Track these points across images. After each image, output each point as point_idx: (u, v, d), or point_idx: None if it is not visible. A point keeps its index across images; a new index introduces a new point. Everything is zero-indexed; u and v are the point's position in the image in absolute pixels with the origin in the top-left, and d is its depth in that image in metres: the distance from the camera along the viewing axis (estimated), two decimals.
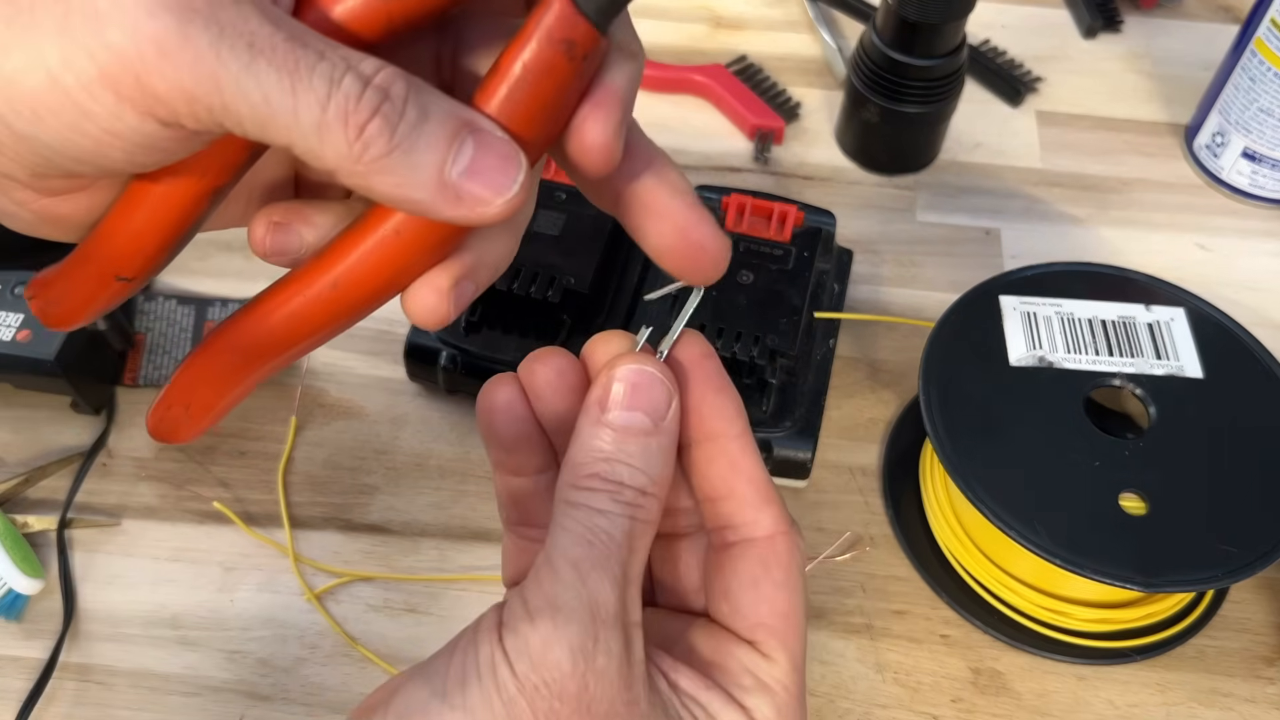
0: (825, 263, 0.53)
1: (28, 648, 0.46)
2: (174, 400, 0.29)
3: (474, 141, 0.23)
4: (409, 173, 0.22)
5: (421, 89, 0.22)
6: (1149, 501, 0.43)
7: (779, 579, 0.28)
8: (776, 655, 0.28)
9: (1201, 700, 0.46)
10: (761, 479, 0.28)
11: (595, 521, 0.26)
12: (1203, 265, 0.61)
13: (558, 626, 0.24)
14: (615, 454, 0.26)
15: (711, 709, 0.27)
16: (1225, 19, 0.74)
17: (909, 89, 0.60)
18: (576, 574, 0.25)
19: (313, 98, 0.21)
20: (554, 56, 0.24)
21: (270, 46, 0.21)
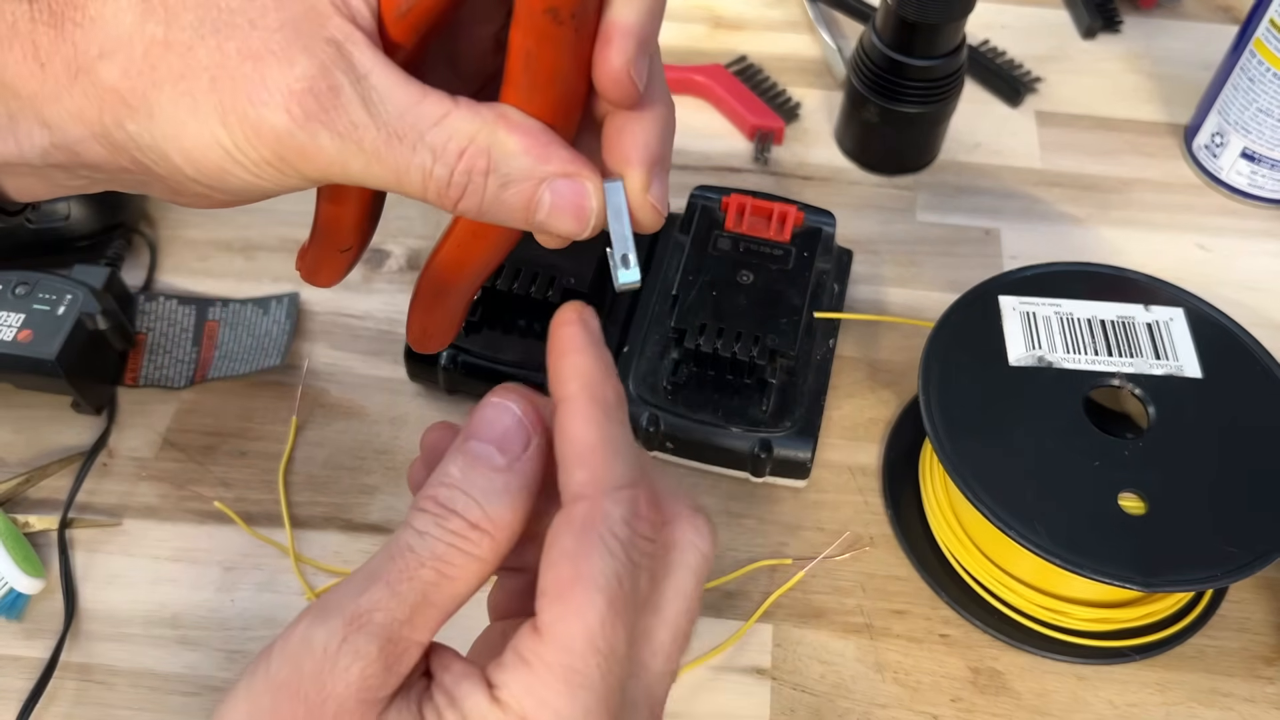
0: (825, 263, 0.53)
1: (28, 647, 0.46)
2: (413, 326, 0.35)
3: (551, 194, 0.28)
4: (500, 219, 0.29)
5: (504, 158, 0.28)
6: (1148, 501, 0.44)
7: (566, 546, 0.26)
8: (548, 629, 0.25)
9: (1201, 700, 0.46)
10: (583, 441, 0.27)
11: (406, 539, 0.26)
12: (1202, 265, 0.61)
13: (314, 626, 0.26)
14: (458, 481, 0.27)
15: (454, 692, 0.26)
16: (1224, 19, 0.74)
17: (909, 89, 0.60)
18: (362, 582, 0.26)
19: (414, 187, 0.28)
20: (546, 28, 0.26)
21: (376, 150, 0.27)
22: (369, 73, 0.27)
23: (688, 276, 0.51)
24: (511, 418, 0.28)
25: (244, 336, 0.55)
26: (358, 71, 0.27)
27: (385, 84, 0.27)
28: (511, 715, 0.25)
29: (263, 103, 0.26)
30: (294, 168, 0.28)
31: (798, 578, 0.48)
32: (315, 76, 0.26)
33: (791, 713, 0.45)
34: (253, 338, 0.55)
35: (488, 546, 0.26)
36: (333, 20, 0.27)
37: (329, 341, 0.56)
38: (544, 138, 0.28)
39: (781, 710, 0.45)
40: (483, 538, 0.26)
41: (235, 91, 0.27)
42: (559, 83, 0.28)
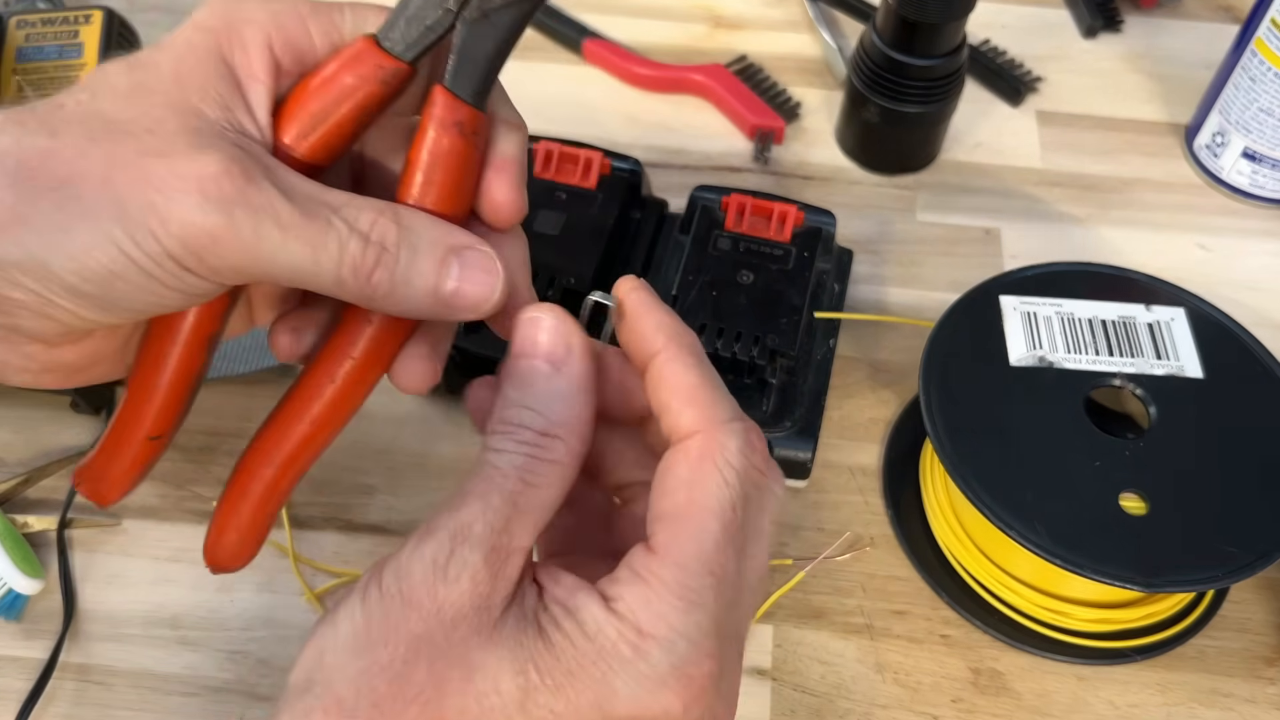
0: (825, 263, 0.53)
1: (28, 648, 0.46)
2: (224, 527, 0.33)
3: (459, 262, 0.29)
4: (410, 299, 0.29)
5: (411, 228, 0.29)
6: (1149, 501, 0.43)
7: (683, 474, 0.28)
8: (664, 550, 0.27)
9: (1201, 700, 0.46)
10: (686, 384, 0.29)
11: (491, 459, 0.28)
12: (1203, 265, 0.61)
13: (422, 544, 0.27)
14: (518, 399, 0.29)
15: (570, 603, 0.27)
16: (1225, 19, 0.74)
17: (909, 89, 0.60)
18: (456, 502, 0.27)
19: (330, 262, 0.28)
20: (451, 139, 0.30)
21: (293, 224, 0.27)
22: (274, 167, 0.28)
23: (688, 276, 0.51)
24: (547, 329, 0.29)
25: (244, 336, 0.55)
26: (265, 165, 0.28)
27: (290, 177, 0.28)
28: (628, 626, 0.26)
29: (173, 189, 0.26)
30: (200, 259, 0.27)
31: (798, 578, 0.48)
32: (228, 162, 0.27)
33: (792, 713, 0.45)
34: (253, 338, 0.55)
35: (561, 450, 0.28)
36: (230, 134, 0.28)
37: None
38: (441, 220, 0.30)
39: (782, 711, 0.45)
40: (554, 443, 0.28)
41: (136, 184, 0.26)
42: (455, 190, 0.30)
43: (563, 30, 0.70)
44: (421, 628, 0.26)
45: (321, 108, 0.30)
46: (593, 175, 0.54)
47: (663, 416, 0.29)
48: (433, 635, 0.26)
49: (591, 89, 0.69)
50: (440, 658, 0.26)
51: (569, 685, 0.26)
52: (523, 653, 0.26)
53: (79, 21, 0.59)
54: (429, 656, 0.26)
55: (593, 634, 0.26)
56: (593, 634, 0.26)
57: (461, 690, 0.26)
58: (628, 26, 0.72)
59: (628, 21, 0.72)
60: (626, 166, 0.56)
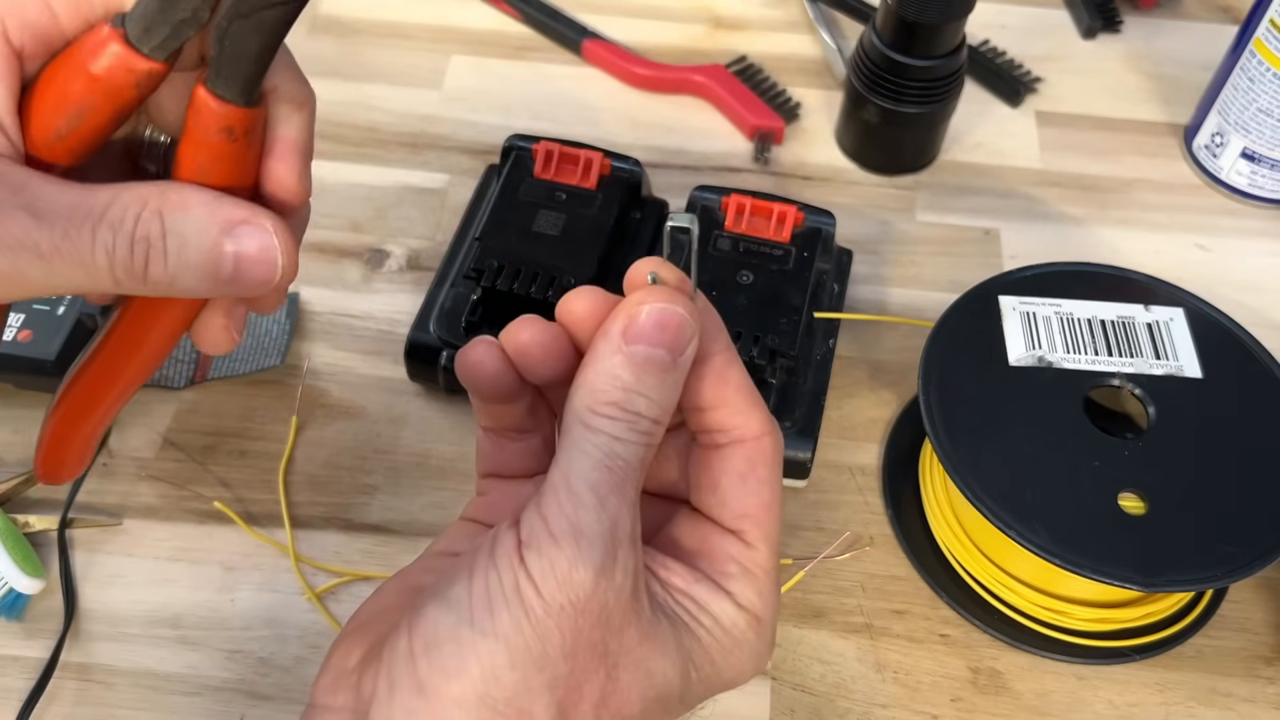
0: (825, 263, 0.53)
1: (28, 647, 0.46)
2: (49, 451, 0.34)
3: (231, 243, 0.28)
4: (192, 284, 0.28)
5: (175, 215, 0.27)
6: (1148, 501, 0.44)
7: (764, 475, 0.30)
8: (758, 543, 0.30)
9: (1201, 700, 0.46)
10: (747, 387, 0.31)
11: (614, 449, 0.27)
12: (1202, 265, 0.61)
13: (582, 549, 0.26)
14: (634, 385, 0.28)
15: (701, 599, 0.29)
16: (1224, 19, 0.74)
17: (909, 89, 0.60)
18: (596, 498, 0.27)
19: (101, 272, 0.27)
20: (219, 145, 0.28)
21: (54, 248, 0.26)
22: (25, 184, 0.26)
23: None
24: (679, 318, 0.28)
25: (244, 336, 0.55)
26: (13, 185, 0.26)
27: (46, 190, 0.27)
28: (752, 616, 0.30)
29: None
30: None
31: (798, 578, 0.48)
32: None
33: (791, 713, 0.45)
34: (253, 338, 0.55)
35: (660, 436, 0.29)
36: None
37: (329, 342, 0.56)
38: (214, 194, 0.28)
39: (781, 710, 0.45)
40: (660, 430, 0.29)
41: None
42: (231, 187, 0.29)
43: (563, 30, 0.70)
44: (598, 635, 0.27)
45: (75, 110, 0.28)
46: (593, 175, 0.55)
47: (719, 411, 0.30)
48: (608, 643, 0.27)
49: (591, 89, 0.69)
50: (619, 664, 0.27)
51: (715, 671, 0.30)
52: (683, 651, 0.29)
53: None
54: (609, 663, 0.27)
55: (728, 627, 0.30)
56: (728, 627, 0.30)
57: (644, 694, 0.28)
58: (628, 26, 0.72)
59: (628, 21, 0.72)
60: (626, 167, 0.56)
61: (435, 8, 0.73)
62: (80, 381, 0.33)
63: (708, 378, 0.30)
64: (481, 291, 0.51)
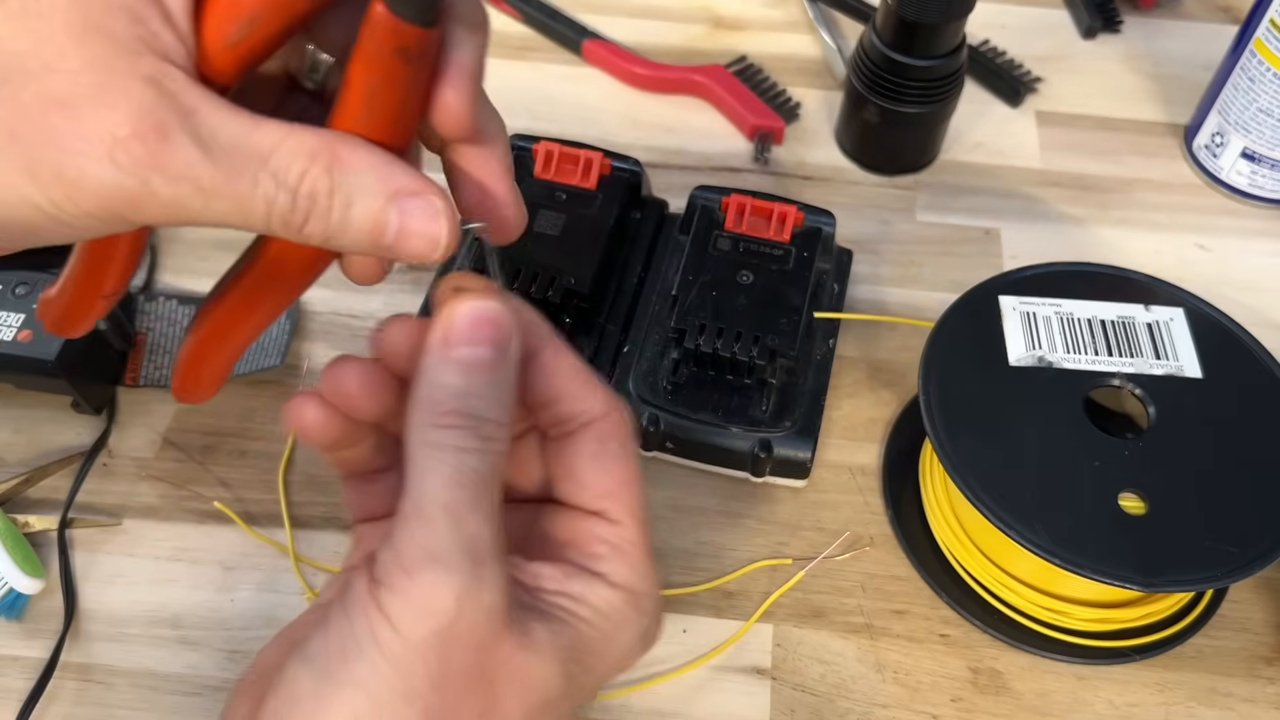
0: (825, 263, 0.53)
1: (28, 647, 0.46)
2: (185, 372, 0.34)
3: (398, 211, 0.27)
4: (348, 244, 0.27)
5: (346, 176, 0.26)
6: (1148, 501, 0.44)
7: (615, 450, 0.30)
8: (623, 518, 0.30)
9: (1201, 700, 0.46)
10: (581, 372, 0.30)
11: (463, 461, 0.26)
12: (1202, 265, 0.61)
13: (439, 575, 0.25)
14: (467, 388, 0.27)
15: (574, 592, 0.29)
16: (1224, 19, 0.74)
17: (909, 89, 0.60)
18: (451, 518, 0.25)
19: (258, 218, 0.26)
20: (392, 66, 0.26)
21: (215, 187, 0.25)
22: (196, 108, 0.25)
23: (688, 276, 0.51)
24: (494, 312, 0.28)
25: None
26: (184, 109, 0.25)
27: (215, 118, 0.26)
28: (628, 593, 0.29)
29: (81, 154, 0.24)
30: (122, 217, 0.26)
31: (798, 578, 0.48)
32: (139, 119, 0.25)
33: (791, 713, 0.45)
34: None
35: (507, 439, 0.28)
36: (145, 58, 0.25)
37: (329, 341, 0.56)
38: (385, 157, 0.27)
39: (781, 710, 0.45)
40: (505, 432, 0.28)
41: (44, 144, 0.25)
42: (400, 117, 0.28)
43: (563, 30, 0.70)
44: (471, 659, 0.26)
45: (248, 17, 0.26)
46: (593, 176, 0.55)
47: (561, 402, 0.30)
48: (483, 663, 0.26)
49: (591, 89, 0.69)
50: (496, 680, 0.26)
51: (600, 659, 0.29)
52: (561, 651, 0.27)
53: None
54: (485, 683, 0.26)
55: (608, 612, 0.29)
56: (608, 612, 0.29)
57: (525, 703, 0.27)
58: (628, 26, 0.72)
59: (628, 21, 0.72)
60: (626, 167, 0.56)
61: None
62: (221, 305, 0.32)
63: (539, 373, 0.30)
64: None
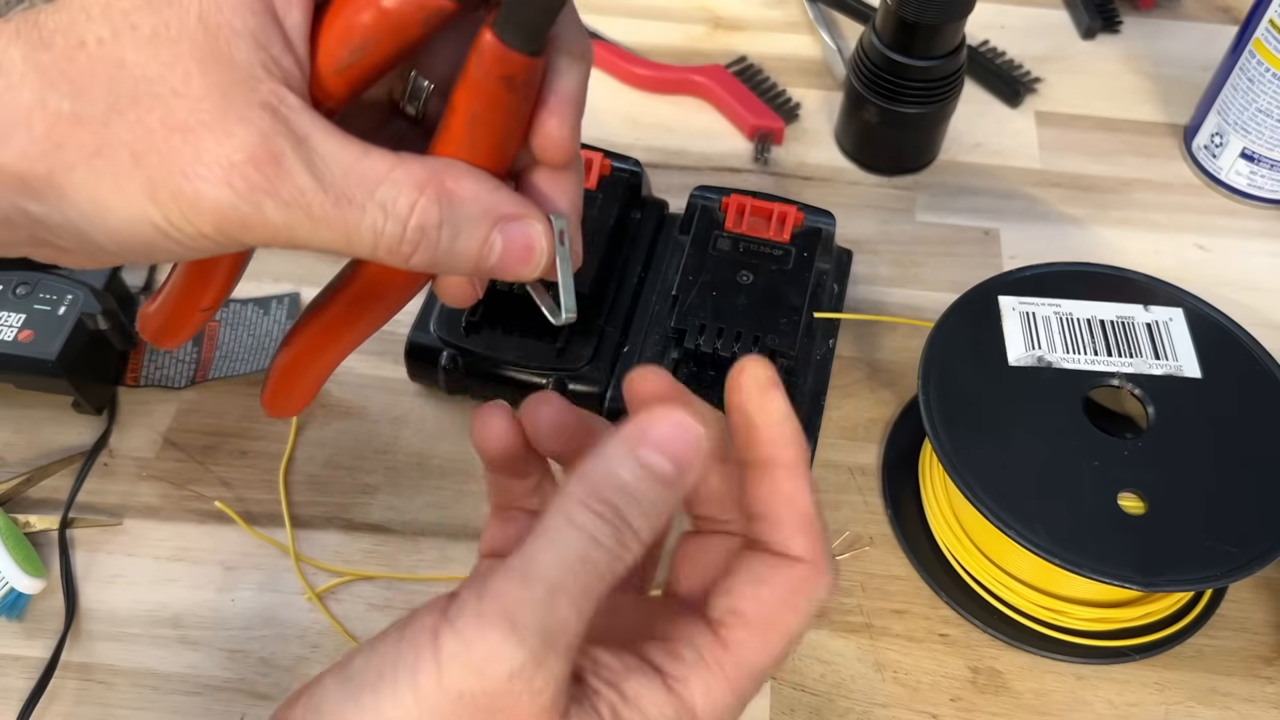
0: (825, 263, 0.53)
1: (29, 647, 0.46)
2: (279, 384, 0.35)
3: (502, 238, 0.28)
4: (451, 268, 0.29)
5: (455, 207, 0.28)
6: (1148, 501, 0.44)
7: (780, 591, 0.28)
8: (732, 645, 0.27)
9: (1200, 699, 0.46)
10: (803, 507, 0.29)
11: (589, 551, 0.25)
12: (1201, 265, 0.61)
13: (508, 642, 0.24)
14: (633, 489, 0.26)
15: (630, 692, 0.26)
16: (1224, 20, 0.74)
17: (908, 90, 0.60)
18: (549, 596, 0.24)
19: (365, 247, 0.27)
20: (497, 94, 0.27)
21: (324, 213, 0.26)
22: (309, 135, 0.26)
23: (688, 276, 0.51)
24: (695, 439, 0.26)
25: (244, 336, 0.55)
26: (298, 135, 0.26)
27: (327, 145, 0.27)
28: (684, 708, 0.26)
29: (200, 177, 0.26)
30: (234, 239, 0.27)
31: None
32: (255, 145, 0.26)
33: (791, 712, 0.45)
34: (253, 338, 0.55)
35: (640, 554, 0.26)
36: (264, 84, 0.26)
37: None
38: (490, 184, 0.28)
39: (781, 710, 0.45)
40: (641, 549, 0.26)
41: (166, 167, 0.26)
42: (503, 143, 0.29)
43: None
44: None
45: (360, 42, 0.28)
46: (593, 176, 0.55)
47: (765, 522, 0.29)
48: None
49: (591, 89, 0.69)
50: None
51: None
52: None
53: None
54: None
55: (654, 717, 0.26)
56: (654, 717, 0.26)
57: None
58: (628, 27, 0.72)
59: (628, 22, 0.72)
60: (627, 167, 0.56)
61: None
62: (317, 322, 0.33)
63: (764, 483, 0.29)
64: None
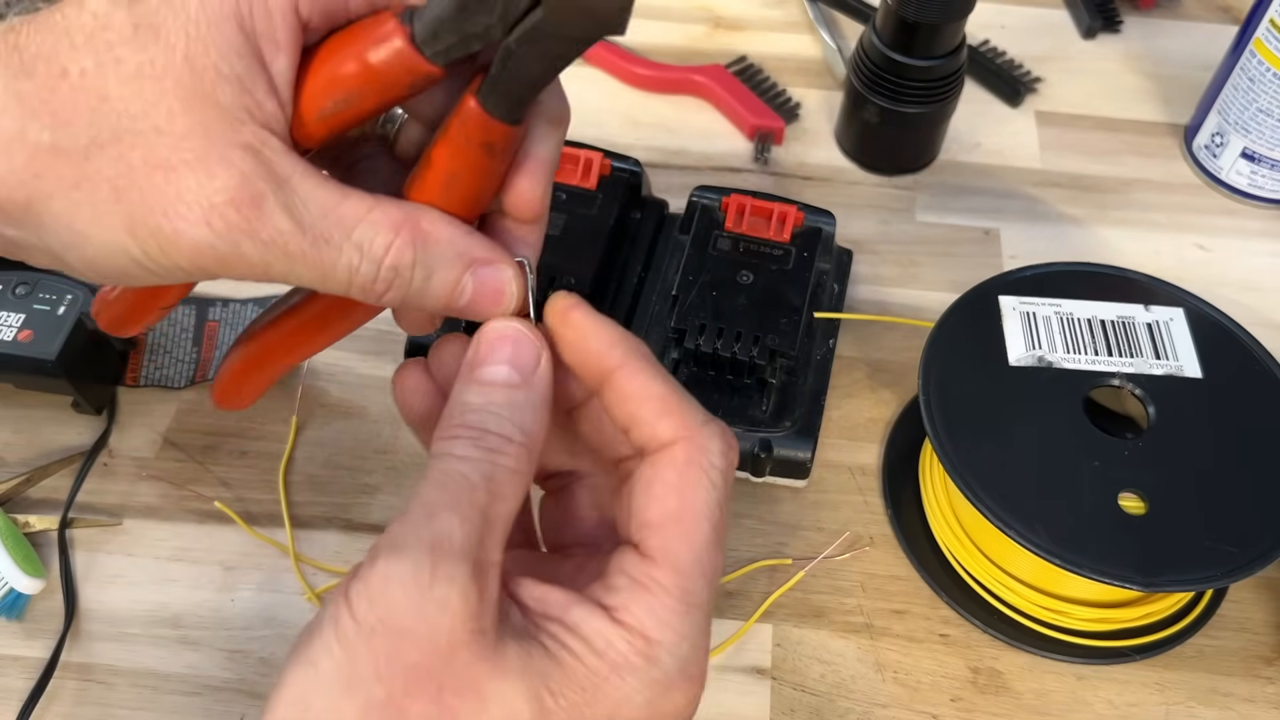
0: (825, 263, 0.53)
1: (29, 647, 0.46)
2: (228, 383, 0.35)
3: (473, 280, 0.29)
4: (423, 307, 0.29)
5: (428, 249, 0.28)
6: (1148, 501, 0.44)
7: (670, 479, 0.27)
8: (657, 555, 0.27)
9: (1200, 699, 0.46)
10: (655, 394, 0.28)
11: (453, 466, 0.26)
12: (1202, 265, 0.61)
13: (393, 562, 0.25)
14: (481, 405, 0.27)
15: (570, 620, 0.26)
16: (1224, 19, 0.74)
17: (908, 89, 0.60)
18: (424, 514, 0.25)
19: (339, 284, 0.28)
20: (477, 158, 0.28)
21: (301, 252, 0.27)
22: (289, 177, 0.27)
23: (688, 276, 0.51)
24: (518, 337, 0.29)
25: None
26: (278, 178, 0.27)
27: (306, 187, 0.27)
28: (635, 636, 0.26)
29: (179, 216, 0.26)
30: (209, 272, 0.27)
31: (798, 578, 0.48)
32: (236, 187, 0.26)
33: (791, 713, 0.45)
34: None
35: (525, 459, 0.27)
36: (247, 126, 0.26)
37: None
38: (463, 229, 0.29)
39: (781, 710, 0.45)
40: (520, 450, 0.27)
41: (146, 204, 0.26)
42: (477, 200, 0.29)
43: None
44: (417, 657, 0.24)
45: (344, 95, 0.28)
46: (593, 175, 0.55)
47: (633, 428, 0.29)
48: (431, 665, 0.25)
49: (591, 89, 0.69)
50: (445, 688, 0.25)
51: (585, 703, 0.26)
52: (534, 677, 0.25)
53: None
54: (432, 688, 0.25)
55: (602, 649, 0.26)
56: (602, 649, 0.26)
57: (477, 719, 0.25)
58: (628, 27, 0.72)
59: None
60: (627, 167, 0.56)
61: None
62: (277, 329, 0.33)
63: (615, 395, 0.29)
64: None
